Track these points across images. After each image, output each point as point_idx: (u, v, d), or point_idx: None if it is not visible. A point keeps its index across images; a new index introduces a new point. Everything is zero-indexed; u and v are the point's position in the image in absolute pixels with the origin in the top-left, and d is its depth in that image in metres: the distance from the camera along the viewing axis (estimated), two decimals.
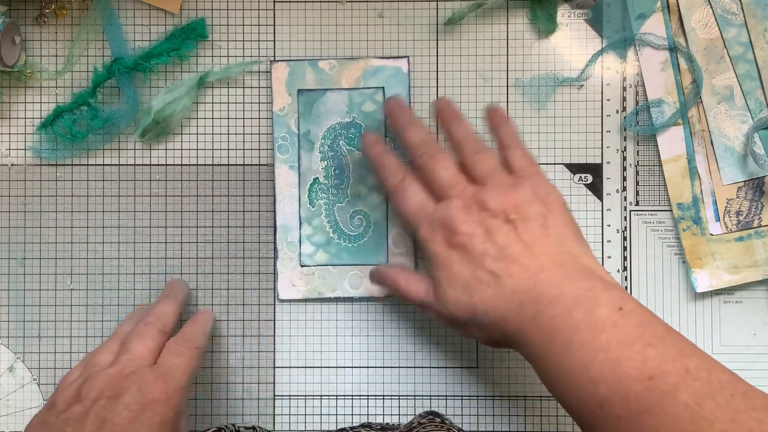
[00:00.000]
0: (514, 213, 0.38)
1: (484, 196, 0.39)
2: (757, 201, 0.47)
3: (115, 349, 0.41)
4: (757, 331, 0.48)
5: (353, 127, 0.48)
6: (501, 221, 0.38)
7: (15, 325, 0.48)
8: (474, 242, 0.38)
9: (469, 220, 0.38)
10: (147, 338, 0.41)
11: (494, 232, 0.38)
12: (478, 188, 0.39)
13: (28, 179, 0.48)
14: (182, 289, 0.46)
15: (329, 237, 0.48)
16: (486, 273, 0.37)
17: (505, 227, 0.38)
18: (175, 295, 0.45)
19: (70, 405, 0.38)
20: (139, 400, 0.37)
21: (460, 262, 0.38)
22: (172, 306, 0.44)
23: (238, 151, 0.48)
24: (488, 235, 0.38)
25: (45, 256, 0.48)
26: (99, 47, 0.48)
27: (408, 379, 0.48)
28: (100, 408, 0.37)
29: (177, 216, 0.48)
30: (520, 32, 0.48)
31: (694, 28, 0.47)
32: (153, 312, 0.43)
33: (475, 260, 0.37)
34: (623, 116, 0.48)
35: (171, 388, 0.38)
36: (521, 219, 0.38)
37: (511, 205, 0.38)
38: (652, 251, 0.48)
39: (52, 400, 0.39)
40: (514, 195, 0.38)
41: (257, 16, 0.48)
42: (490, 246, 0.37)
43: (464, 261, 0.38)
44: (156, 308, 0.43)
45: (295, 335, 0.48)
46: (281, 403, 0.48)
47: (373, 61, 0.47)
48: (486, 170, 0.40)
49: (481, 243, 0.38)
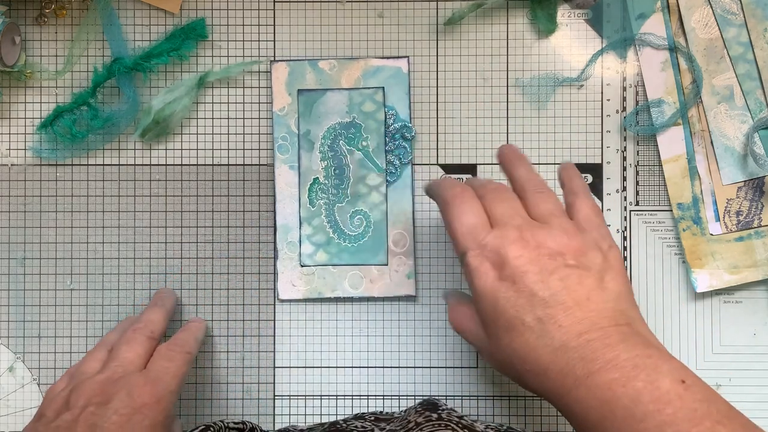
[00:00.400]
0: (572, 259, 0.35)
1: (544, 235, 0.36)
2: (757, 201, 0.47)
3: (102, 357, 0.41)
4: (757, 331, 0.48)
5: (353, 127, 0.48)
6: (558, 264, 0.35)
7: (15, 325, 0.48)
8: (525, 280, 0.34)
9: (523, 255, 0.35)
10: (136, 344, 0.41)
11: (549, 274, 0.34)
12: (539, 225, 0.36)
13: (28, 179, 0.48)
14: (170, 297, 0.47)
15: (329, 237, 0.48)
16: (532, 317, 0.34)
17: (561, 271, 0.34)
18: (162, 303, 0.45)
19: (59, 413, 0.37)
20: (129, 404, 0.37)
21: (505, 299, 0.35)
22: (160, 313, 0.44)
23: (238, 151, 0.48)
24: (541, 275, 0.34)
25: (45, 256, 0.48)
26: (99, 47, 0.48)
27: (408, 379, 0.48)
28: (90, 414, 0.36)
29: (177, 216, 0.48)
30: (520, 32, 0.48)
31: (694, 28, 0.47)
32: (141, 319, 0.43)
33: (522, 300, 0.34)
34: (623, 116, 0.48)
35: (161, 392, 0.38)
36: (580, 267, 0.35)
37: (572, 251, 0.35)
38: (652, 251, 0.48)
39: (41, 411, 0.39)
40: (576, 240, 0.36)
41: (257, 16, 0.48)
42: (541, 288, 0.34)
43: (510, 299, 0.34)
44: (144, 315, 0.44)
45: (295, 335, 0.48)
46: (281, 403, 0.48)
47: (373, 61, 0.47)
48: (548, 210, 0.37)
49: (533, 283, 0.34)
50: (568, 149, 0.48)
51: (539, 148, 0.48)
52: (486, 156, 0.48)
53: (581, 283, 0.34)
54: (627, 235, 0.48)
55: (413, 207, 0.48)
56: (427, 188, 0.42)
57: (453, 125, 0.48)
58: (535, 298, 0.34)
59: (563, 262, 0.35)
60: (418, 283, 0.48)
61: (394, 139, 0.47)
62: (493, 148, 0.48)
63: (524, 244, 0.35)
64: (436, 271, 0.48)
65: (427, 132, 0.48)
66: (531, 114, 0.48)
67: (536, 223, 0.37)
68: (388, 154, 0.47)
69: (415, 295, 0.48)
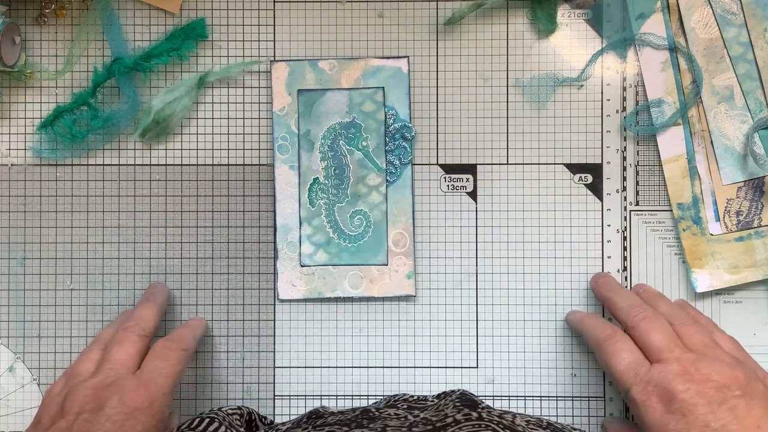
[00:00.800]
0: (738, 389, 0.37)
1: (707, 367, 0.37)
2: (757, 201, 0.47)
3: (96, 357, 0.41)
4: (757, 331, 0.48)
5: (353, 127, 0.48)
6: (726, 396, 0.36)
7: (15, 325, 0.48)
8: (695, 412, 0.36)
9: (690, 389, 0.37)
10: (127, 344, 0.41)
11: (718, 405, 0.36)
12: (699, 357, 0.38)
13: (28, 179, 0.48)
14: (162, 292, 0.46)
15: (329, 237, 0.48)
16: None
17: (729, 402, 0.36)
18: (154, 298, 0.45)
19: (54, 420, 0.38)
20: (121, 410, 0.37)
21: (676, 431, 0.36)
22: (151, 309, 0.44)
23: (238, 151, 0.48)
24: (711, 407, 0.36)
25: (45, 256, 0.48)
26: (99, 47, 0.48)
27: (408, 379, 0.48)
28: (83, 422, 0.36)
29: (177, 216, 0.48)
30: (520, 32, 0.48)
31: (694, 28, 0.47)
32: (132, 316, 0.43)
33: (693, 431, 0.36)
34: (623, 116, 0.48)
35: (153, 395, 0.38)
36: (747, 396, 0.36)
37: (736, 381, 0.37)
38: (652, 251, 0.48)
39: (38, 417, 0.39)
40: (738, 371, 0.37)
41: (257, 16, 0.48)
42: (713, 419, 0.36)
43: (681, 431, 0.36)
44: (135, 312, 0.43)
45: (295, 335, 0.48)
46: (281, 403, 0.48)
47: (373, 61, 0.47)
48: (703, 342, 0.40)
49: (703, 415, 0.36)
50: (568, 149, 0.48)
51: (539, 148, 0.48)
52: (486, 156, 0.48)
53: (749, 412, 0.36)
54: (627, 235, 0.48)
55: (413, 207, 0.48)
56: (570, 321, 0.46)
57: (453, 125, 0.48)
58: (707, 429, 0.35)
59: (730, 393, 0.36)
60: (418, 283, 0.48)
61: (394, 139, 0.47)
62: (493, 148, 0.48)
63: (689, 378, 0.37)
64: (436, 271, 0.48)
65: (427, 132, 0.48)
66: (531, 114, 0.48)
67: (696, 356, 0.38)
68: (388, 154, 0.47)
69: (414, 295, 0.48)
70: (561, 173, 0.48)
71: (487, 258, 0.48)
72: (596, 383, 0.48)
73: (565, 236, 0.48)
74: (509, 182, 0.48)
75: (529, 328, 0.48)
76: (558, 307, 0.48)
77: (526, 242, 0.48)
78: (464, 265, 0.48)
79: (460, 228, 0.48)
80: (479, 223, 0.48)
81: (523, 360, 0.48)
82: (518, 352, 0.48)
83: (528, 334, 0.48)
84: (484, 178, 0.48)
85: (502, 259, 0.48)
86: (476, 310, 0.48)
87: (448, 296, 0.48)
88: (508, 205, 0.48)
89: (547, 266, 0.48)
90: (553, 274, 0.48)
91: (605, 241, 0.48)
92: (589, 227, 0.48)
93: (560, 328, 0.48)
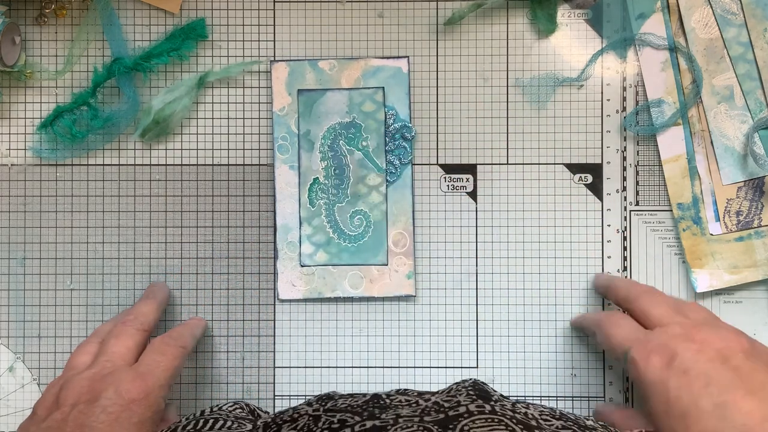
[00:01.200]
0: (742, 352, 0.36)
1: (710, 332, 0.37)
2: (757, 201, 0.47)
3: (93, 349, 0.41)
4: (757, 331, 0.48)
5: (353, 127, 0.48)
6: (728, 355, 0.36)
7: (15, 325, 0.48)
8: (697, 369, 0.35)
9: (691, 348, 0.36)
10: (126, 337, 0.41)
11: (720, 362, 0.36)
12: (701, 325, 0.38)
13: (28, 179, 0.48)
14: (162, 290, 0.46)
15: (329, 237, 0.48)
16: (710, 402, 0.34)
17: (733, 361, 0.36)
18: (154, 295, 0.45)
19: (50, 412, 0.37)
20: (116, 401, 0.37)
21: (677, 387, 0.35)
22: (151, 306, 0.44)
23: (238, 151, 0.48)
24: (713, 363, 0.35)
25: (45, 256, 0.48)
26: (99, 47, 0.48)
27: (408, 379, 0.48)
28: (78, 413, 0.36)
29: (177, 216, 0.48)
30: (520, 32, 0.48)
31: (694, 28, 0.47)
32: (131, 311, 0.43)
33: (697, 386, 0.35)
34: (623, 116, 0.48)
35: (150, 386, 0.38)
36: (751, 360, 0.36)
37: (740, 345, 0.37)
38: (652, 251, 0.48)
39: (34, 409, 0.38)
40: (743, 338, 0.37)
41: (257, 16, 0.48)
42: (716, 374, 0.35)
43: (683, 386, 0.35)
44: (135, 308, 0.43)
45: (295, 335, 0.48)
46: (281, 403, 0.48)
47: (373, 61, 0.47)
48: (701, 317, 0.40)
49: (705, 371, 0.35)
50: (568, 149, 0.48)
51: (539, 148, 0.48)
52: (486, 156, 0.48)
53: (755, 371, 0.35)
54: (627, 235, 0.48)
55: (413, 207, 0.48)
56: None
57: (453, 125, 0.48)
58: (710, 383, 0.35)
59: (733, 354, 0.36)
60: (418, 283, 0.48)
61: (394, 139, 0.47)
62: (493, 148, 0.48)
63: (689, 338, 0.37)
64: (436, 271, 0.48)
65: (427, 132, 0.48)
66: (531, 114, 0.48)
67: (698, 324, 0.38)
68: (388, 154, 0.47)
69: (414, 295, 0.48)
70: (561, 173, 0.48)
71: (487, 258, 0.48)
72: (596, 383, 0.48)
73: (565, 236, 0.48)
74: (509, 182, 0.48)
75: (529, 328, 0.48)
76: (558, 307, 0.48)
77: (526, 242, 0.48)
78: (464, 265, 0.48)
79: (460, 228, 0.48)
80: (479, 223, 0.48)
81: (523, 360, 0.48)
82: (518, 352, 0.48)
83: (528, 334, 0.48)
84: (484, 178, 0.48)
85: (502, 259, 0.48)
86: (476, 310, 0.48)
87: (448, 296, 0.48)
88: (508, 205, 0.48)
89: (547, 266, 0.48)
90: (553, 274, 0.48)
91: (605, 241, 0.48)
92: (589, 227, 0.48)
93: (560, 328, 0.48)
